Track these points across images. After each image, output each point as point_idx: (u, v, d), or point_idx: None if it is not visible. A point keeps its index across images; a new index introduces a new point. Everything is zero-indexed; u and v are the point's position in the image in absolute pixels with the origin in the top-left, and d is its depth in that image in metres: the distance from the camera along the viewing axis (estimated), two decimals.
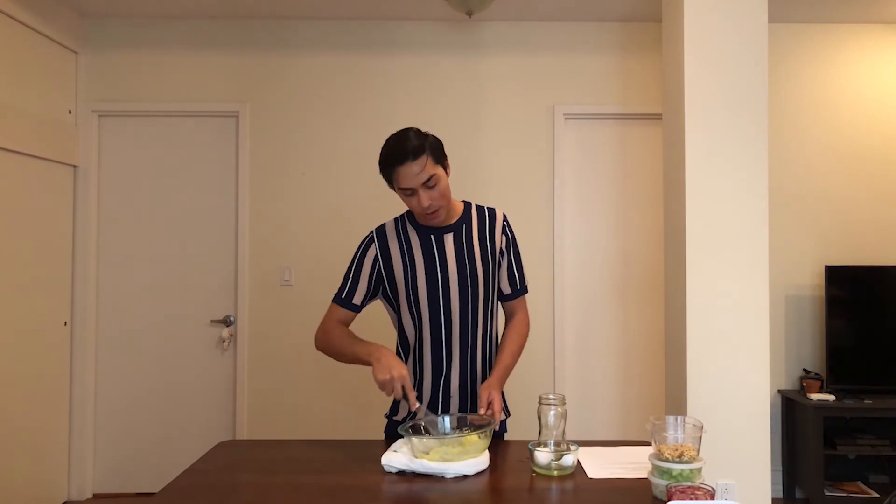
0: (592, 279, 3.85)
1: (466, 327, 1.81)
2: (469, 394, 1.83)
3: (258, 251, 3.77)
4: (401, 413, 1.85)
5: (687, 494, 1.19)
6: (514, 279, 1.92)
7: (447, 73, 3.82)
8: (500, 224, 1.89)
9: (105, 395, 3.75)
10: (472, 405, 1.83)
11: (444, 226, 1.84)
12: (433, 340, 1.81)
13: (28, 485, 3.30)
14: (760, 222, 2.70)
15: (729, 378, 2.68)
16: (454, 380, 1.82)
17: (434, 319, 1.80)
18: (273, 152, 3.79)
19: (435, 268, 1.79)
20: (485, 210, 1.91)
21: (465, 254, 1.82)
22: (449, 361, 1.81)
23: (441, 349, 1.81)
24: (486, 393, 1.71)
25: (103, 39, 3.79)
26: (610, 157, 3.87)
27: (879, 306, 3.60)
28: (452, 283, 1.79)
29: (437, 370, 1.82)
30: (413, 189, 1.72)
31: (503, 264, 1.90)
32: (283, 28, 3.80)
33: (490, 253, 1.86)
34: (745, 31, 2.71)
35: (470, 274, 1.81)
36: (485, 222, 1.88)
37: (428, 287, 1.79)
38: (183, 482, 1.46)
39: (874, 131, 3.82)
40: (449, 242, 1.82)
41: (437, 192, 1.74)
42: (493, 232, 1.88)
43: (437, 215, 1.77)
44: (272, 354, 3.75)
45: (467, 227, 1.85)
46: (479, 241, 1.85)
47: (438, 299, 1.79)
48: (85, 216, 3.73)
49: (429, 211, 1.75)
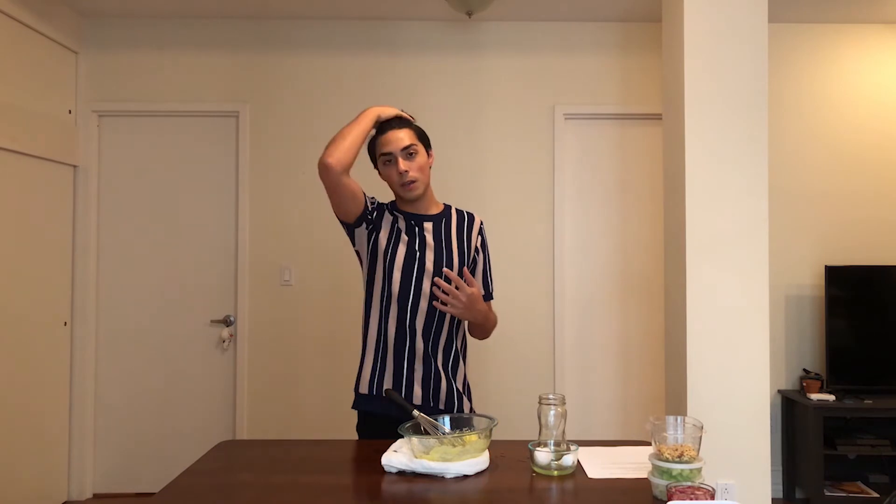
0: (592, 279, 3.85)
1: (434, 310, 1.86)
2: (432, 376, 1.87)
3: (258, 251, 3.77)
4: (361, 386, 1.89)
5: (687, 494, 1.19)
6: (486, 282, 2.02)
7: (447, 73, 3.82)
8: (478, 227, 2.00)
9: (105, 395, 3.75)
10: (434, 387, 1.88)
11: (426, 214, 1.92)
12: (399, 315, 1.86)
13: (28, 485, 3.30)
14: (760, 222, 2.70)
15: (729, 378, 2.68)
16: (418, 357, 1.86)
17: (403, 293, 1.85)
18: (273, 152, 3.80)
19: (414, 248, 1.88)
20: (464, 212, 2.01)
21: (442, 243, 1.91)
22: (413, 339, 1.86)
23: (405, 325, 1.85)
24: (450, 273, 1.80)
25: (103, 39, 3.79)
26: (610, 157, 3.87)
27: (879, 306, 3.60)
28: (428, 264, 1.86)
29: (399, 348, 1.86)
30: (392, 154, 1.84)
31: (478, 266, 1.99)
32: (283, 28, 3.80)
33: (466, 248, 1.94)
34: (745, 31, 2.71)
35: (446, 261, 1.88)
36: (463, 222, 1.98)
37: (405, 261, 1.86)
38: (183, 482, 1.46)
39: (874, 131, 3.82)
40: (428, 229, 1.91)
41: (416, 163, 1.85)
42: (470, 231, 1.97)
43: (415, 188, 1.86)
44: (272, 354, 3.75)
45: (447, 222, 1.95)
46: (456, 236, 1.94)
47: (412, 275, 1.85)
48: (85, 216, 3.73)
49: (405, 179, 1.83)
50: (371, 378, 1.89)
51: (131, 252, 3.79)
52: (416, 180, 1.85)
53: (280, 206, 3.78)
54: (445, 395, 1.90)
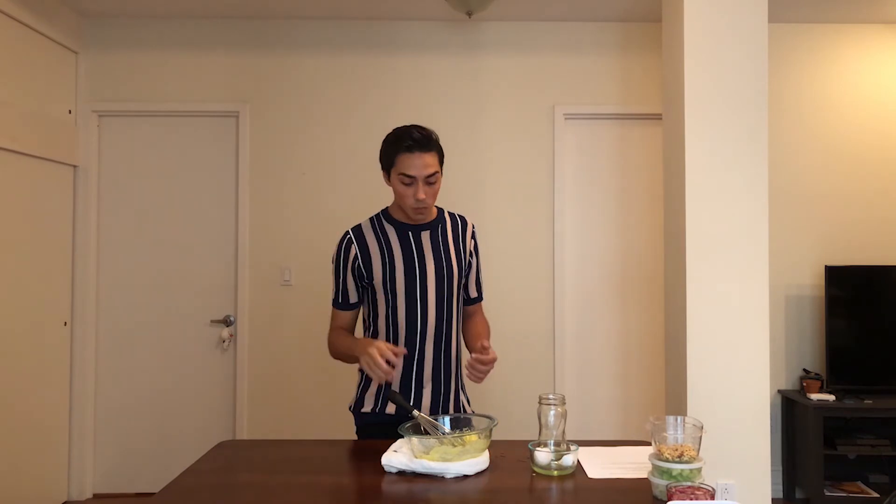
0: (592, 279, 3.85)
1: (441, 320, 1.88)
2: (441, 386, 1.89)
3: (258, 251, 3.77)
4: (367, 405, 1.89)
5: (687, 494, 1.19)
6: (479, 284, 2.05)
7: (447, 73, 3.82)
8: (470, 230, 2.01)
9: (105, 395, 3.75)
10: (444, 399, 1.89)
11: (422, 224, 1.91)
12: (408, 336, 1.86)
13: (28, 485, 3.29)
14: (760, 222, 2.70)
15: (729, 378, 2.68)
16: (427, 372, 1.87)
17: (410, 313, 1.85)
18: (273, 152, 3.79)
19: (413, 263, 1.86)
20: (456, 216, 2.01)
21: (441, 250, 1.90)
22: (422, 356, 1.86)
23: (415, 345, 1.86)
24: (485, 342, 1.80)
25: (103, 39, 3.79)
26: (610, 157, 3.87)
27: (879, 306, 3.60)
28: (430, 277, 1.86)
29: (408, 365, 1.86)
30: (414, 179, 1.79)
31: (472, 269, 2.01)
32: (283, 28, 3.80)
33: (462, 253, 1.95)
34: (745, 31, 2.71)
35: (446, 268, 1.89)
36: (457, 226, 1.98)
37: (406, 280, 1.85)
38: (183, 482, 1.46)
39: (874, 131, 3.82)
40: (426, 239, 1.90)
41: (433, 190, 1.83)
42: (464, 235, 1.98)
43: (424, 213, 1.86)
44: (272, 354, 3.75)
45: (442, 228, 1.95)
46: (452, 241, 1.94)
47: (416, 292, 1.85)
48: (85, 216, 3.73)
49: (421, 205, 1.81)
50: (376, 398, 1.89)
51: (131, 252, 3.79)
52: (429, 206, 1.84)
53: (280, 206, 3.78)
54: (453, 408, 1.93)
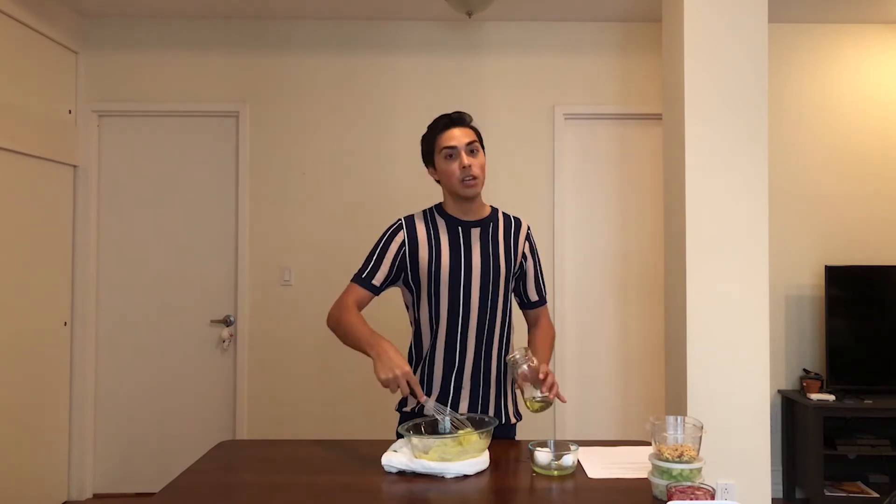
0: (592, 279, 3.85)
1: (484, 320, 1.84)
2: (480, 388, 1.85)
3: (258, 251, 3.77)
4: (410, 404, 1.86)
5: (687, 494, 1.19)
6: (539, 287, 2.01)
7: (447, 73, 3.82)
8: (525, 232, 1.98)
9: (105, 395, 3.75)
10: (483, 399, 1.85)
11: (473, 220, 1.89)
12: (449, 331, 1.83)
13: (28, 484, 3.30)
14: (760, 222, 2.70)
15: (729, 378, 2.68)
16: (467, 371, 1.83)
17: (453, 309, 1.83)
18: (273, 152, 3.79)
19: (459, 257, 1.84)
20: (510, 217, 1.98)
21: (489, 249, 1.87)
22: (463, 354, 1.83)
23: (456, 341, 1.83)
24: (551, 374, 1.71)
25: (103, 39, 3.79)
26: (610, 157, 3.87)
27: (879, 306, 3.60)
28: (475, 274, 1.83)
29: (450, 362, 1.83)
30: (456, 148, 1.81)
31: (529, 272, 1.97)
32: (283, 28, 3.80)
33: (513, 254, 1.91)
34: (745, 31, 2.71)
35: (493, 267, 1.85)
36: (510, 227, 1.95)
37: (451, 274, 1.82)
38: (183, 482, 1.46)
39: (874, 131, 3.82)
40: (475, 235, 1.87)
41: (478, 161, 1.83)
42: (517, 236, 1.95)
43: (476, 184, 1.83)
44: (272, 354, 3.75)
45: (493, 226, 1.91)
46: (503, 241, 1.91)
47: (459, 287, 1.82)
48: (85, 216, 3.73)
49: (468, 174, 1.80)
50: None
51: (131, 252, 3.79)
52: (477, 177, 1.82)
53: (280, 206, 3.78)
54: (493, 408, 1.87)
